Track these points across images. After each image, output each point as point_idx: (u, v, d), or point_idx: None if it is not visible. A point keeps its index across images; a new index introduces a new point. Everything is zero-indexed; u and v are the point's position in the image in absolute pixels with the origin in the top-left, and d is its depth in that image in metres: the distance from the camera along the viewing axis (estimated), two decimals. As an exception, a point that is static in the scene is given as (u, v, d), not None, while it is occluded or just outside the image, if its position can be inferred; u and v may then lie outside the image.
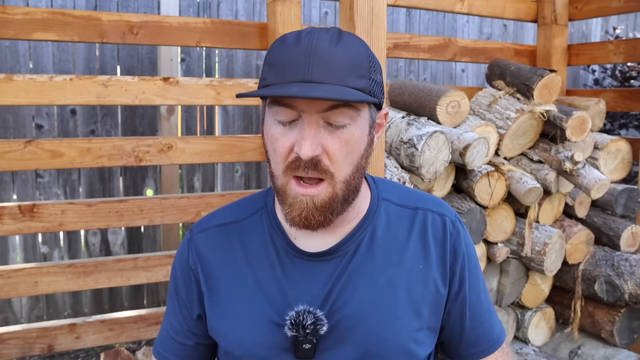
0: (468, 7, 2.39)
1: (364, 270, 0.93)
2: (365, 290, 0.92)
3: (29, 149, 1.75)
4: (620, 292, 1.97)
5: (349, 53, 0.83)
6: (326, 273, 0.93)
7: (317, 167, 0.83)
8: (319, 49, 0.81)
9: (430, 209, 0.99)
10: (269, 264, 0.94)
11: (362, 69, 0.84)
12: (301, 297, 0.92)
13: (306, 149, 0.81)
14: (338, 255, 0.93)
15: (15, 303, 2.87)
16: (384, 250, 0.95)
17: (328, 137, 0.83)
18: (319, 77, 0.80)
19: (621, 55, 2.42)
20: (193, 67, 3.18)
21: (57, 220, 1.81)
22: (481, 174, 1.88)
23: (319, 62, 0.81)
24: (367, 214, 0.96)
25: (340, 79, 0.81)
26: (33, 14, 1.74)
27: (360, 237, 0.95)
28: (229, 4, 3.22)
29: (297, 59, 0.81)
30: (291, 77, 0.81)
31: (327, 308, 0.91)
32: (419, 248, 0.96)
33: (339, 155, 0.84)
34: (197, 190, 3.23)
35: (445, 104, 1.96)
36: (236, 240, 0.98)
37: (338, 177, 0.85)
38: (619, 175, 2.20)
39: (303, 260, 0.93)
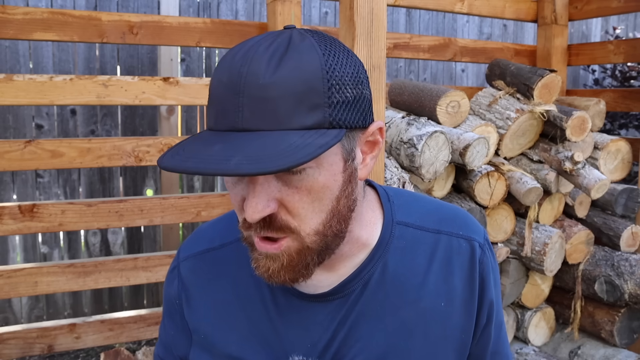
0: (468, 7, 2.39)
1: (373, 313, 0.78)
2: (373, 338, 0.78)
3: (29, 149, 1.75)
4: (620, 292, 1.97)
5: (293, 79, 0.62)
6: (328, 316, 0.78)
7: (272, 225, 0.67)
8: (251, 81, 0.62)
9: (456, 233, 0.82)
10: (262, 302, 0.80)
11: (313, 96, 0.63)
12: (299, 343, 0.78)
13: (251, 211, 0.64)
14: (342, 295, 0.78)
15: (15, 303, 2.87)
16: (397, 288, 0.79)
17: (282, 188, 0.65)
18: (252, 122, 0.61)
19: (621, 55, 2.42)
20: (193, 67, 3.18)
21: (57, 220, 1.81)
22: (481, 174, 1.88)
23: (250, 100, 0.61)
24: (377, 246, 0.79)
25: (280, 121, 0.61)
26: (33, 14, 1.74)
27: (369, 274, 0.79)
28: (229, 4, 3.22)
29: (226, 96, 0.63)
30: (222, 122, 0.64)
31: (328, 358, 0.78)
32: (440, 282, 0.80)
33: (300, 207, 0.66)
34: (197, 190, 3.23)
35: (445, 104, 1.96)
36: (224, 270, 0.84)
37: (305, 231, 0.68)
38: (619, 175, 2.20)
39: (301, 301, 0.79)
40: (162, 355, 0.95)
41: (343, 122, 0.66)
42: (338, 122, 0.65)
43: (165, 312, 0.91)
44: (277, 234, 0.67)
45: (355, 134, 0.70)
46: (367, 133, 0.72)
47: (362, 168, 0.73)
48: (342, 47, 0.69)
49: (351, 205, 0.72)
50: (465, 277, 0.81)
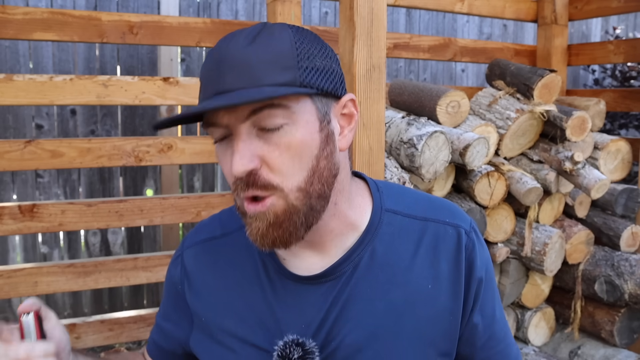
0: (468, 7, 2.39)
1: (363, 295, 0.82)
2: (363, 318, 0.82)
3: (29, 149, 1.75)
4: (620, 292, 1.97)
5: (265, 48, 0.72)
6: (320, 297, 0.83)
7: (255, 182, 0.73)
8: (230, 53, 0.72)
9: (442, 220, 0.87)
10: (259, 285, 0.85)
11: (285, 60, 0.72)
12: (294, 323, 0.82)
13: (236, 164, 0.71)
14: (334, 277, 0.83)
15: (15, 303, 2.87)
16: (386, 271, 0.83)
17: (263, 146, 0.73)
18: (231, 84, 0.71)
19: (621, 55, 2.42)
20: (193, 67, 3.18)
21: (57, 220, 1.81)
22: (481, 174, 1.88)
23: (229, 67, 0.72)
24: (366, 230, 0.84)
25: (255, 79, 0.71)
26: (33, 14, 1.74)
27: (358, 257, 0.83)
28: (229, 4, 3.22)
29: (211, 70, 0.74)
30: (209, 91, 0.74)
31: (321, 337, 0.81)
32: (427, 265, 0.84)
33: (282, 163, 0.72)
34: (197, 190, 3.23)
35: (445, 104, 1.96)
36: (225, 256, 0.90)
37: (288, 187, 0.73)
38: (619, 175, 2.20)
39: (295, 283, 0.83)
40: (157, 339, 0.99)
41: (313, 84, 0.74)
42: (308, 83, 0.74)
43: (167, 299, 0.97)
44: (261, 192, 0.73)
45: (329, 101, 0.78)
46: (340, 104, 0.80)
47: (341, 139, 0.80)
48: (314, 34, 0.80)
49: (332, 168, 0.78)
50: (452, 261, 0.84)
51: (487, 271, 0.88)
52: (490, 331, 0.89)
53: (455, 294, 0.84)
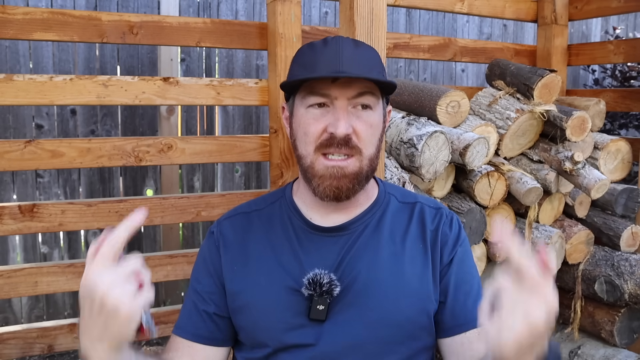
0: (468, 7, 2.39)
1: (371, 245, 1.07)
2: (372, 261, 1.05)
3: (29, 149, 1.75)
4: (620, 292, 1.97)
5: (368, 54, 1.05)
6: (338, 246, 1.06)
7: (348, 144, 0.99)
8: (345, 49, 1.00)
9: (427, 204, 1.15)
10: (287, 239, 1.08)
11: (379, 66, 1.05)
12: (316, 265, 1.03)
13: (342, 127, 0.98)
14: (348, 232, 1.08)
15: (15, 303, 2.87)
16: (388, 232, 1.09)
17: (356, 120, 1.01)
18: (348, 69, 0.98)
19: (621, 55, 2.42)
20: (193, 67, 3.18)
21: (57, 220, 1.81)
22: (481, 174, 1.88)
23: (347, 58, 0.99)
24: (376, 201, 1.12)
25: (365, 71, 1.00)
26: (33, 14, 1.74)
27: (368, 219, 1.09)
28: (229, 4, 3.22)
29: (327, 57, 0.99)
30: (325, 70, 0.98)
31: (338, 274, 1.02)
32: (417, 232, 1.10)
33: (366, 135, 1.01)
34: (197, 190, 3.23)
35: (445, 104, 1.96)
36: (257, 222, 1.13)
37: (365, 154, 1.01)
38: (619, 175, 2.20)
39: (317, 235, 1.08)
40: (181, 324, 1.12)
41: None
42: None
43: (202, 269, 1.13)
44: (349, 151, 1.00)
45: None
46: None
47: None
48: None
49: (380, 150, 1.07)
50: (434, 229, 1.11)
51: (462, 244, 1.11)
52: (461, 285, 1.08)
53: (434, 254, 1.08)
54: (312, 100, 1.01)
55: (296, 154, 1.06)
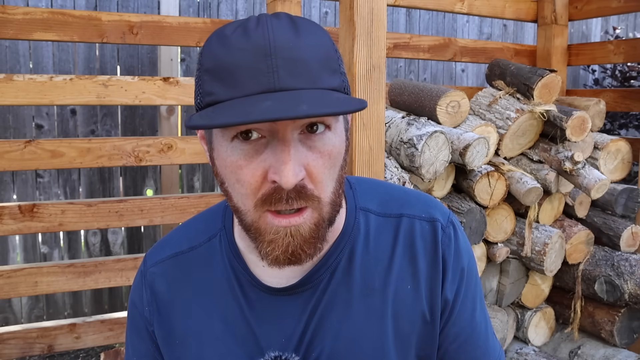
0: (468, 7, 2.39)
1: (341, 301, 0.77)
2: (343, 324, 0.77)
3: (29, 149, 1.75)
4: (620, 292, 1.97)
5: (315, 45, 0.65)
6: (298, 308, 0.77)
7: (300, 194, 0.65)
8: (280, 44, 0.63)
9: (418, 215, 0.81)
10: (234, 300, 0.79)
11: (332, 63, 0.67)
12: (273, 338, 0.77)
13: (289, 176, 0.62)
14: (310, 286, 0.77)
15: (15, 303, 2.87)
16: (364, 274, 0.78)
17: (308, 154, 0.65)
18: (288, 82, 0.62)
19: (621, 55, 2.42)
20: (193, 67, 3.18)
21: (57, 220, 1.81)
22: (481, 174, 1.88)
23: (284, 62, 0.62)
24: (342, 232, 0.78)
25: (313, 79, 0.63)
26: (33, 14, 1.74)
27: (335, 262, 0.78)
28: (229, 4, 3.22)
29: (253, 61, 0.62)
30: (252, 87, 0.62)
31: (302, 350, 0.77)
32: (405, 264, 0.79)
33: (322, 173, 0.66)
34: (197, 190, 3.23)
35: (445, 104, 1.96)
36: (194, 272, 0.82)
37: (324, 200, 0.67)
38: (619, 175, 2.20)
39: (270, 296, 0.78)
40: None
41: (348, 91, 0.69)
42: (347, 89, 0.69)
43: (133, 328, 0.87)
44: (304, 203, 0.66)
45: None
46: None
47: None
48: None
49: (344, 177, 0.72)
50: (429, 258, 0.80)
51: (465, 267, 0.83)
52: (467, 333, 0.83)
53: (434, 292, 0.79)
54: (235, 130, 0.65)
55: (229, 204, 0.72)
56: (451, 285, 0.80)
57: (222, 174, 0.70)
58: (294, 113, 0.57)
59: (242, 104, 0.61)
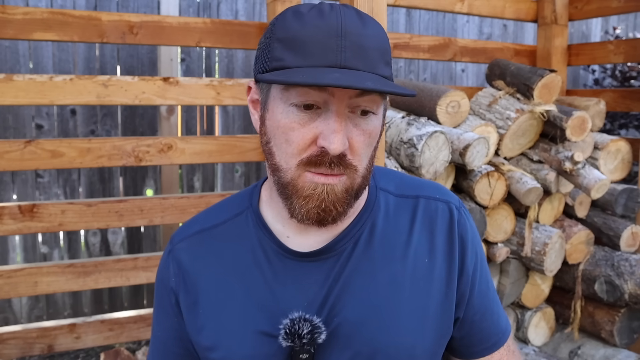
0: (468, 7, 2.39)
1: (364, 269, 0.83)
2: (365, 291, 0.82)
3: (29, 149, 1.75)
4: (620, 292, 1.97)
5: (377, 37, 0.74)
6: (322, 274, 0.83)
7: (341, 162, 0.74)
8: (350, 29, 0.71)
9: (433, 196, 0.90)
10: (258, 268, 0.85)
11: (387, 55, 0.76)
12: (295, 302, 0.82)
13: (338, 144, 0.71)
14: (334, 254, 0.84)
15: (15, 303, 2.87)
16: (384, 246, 0.85)
17: (353, 130, 0.75)
18: (351, 62, 0.71)
19: (621, 55, 2.42)
20: (193, 67, 3.18)
21: (57, 220, 1.81)
22: (481, 174, 1.88)
23: (351, 45, 0.71)
24: (365, 207, 0.86)
25: (372, 65, 0.73)
26: (33, 14, 1.74)
27: (358, 233, 0.85)
28: (229, 4, 3.22)
29: (325, 39, 0.71)
30: (320, 60, 0.71)
31: (324, 313, 0.82)
32: (423, 240, 0.86)
33: (362, 148, 0.76)
34: (197, 190, 3.23)
35: (445, 104, 1.96)
36: (219, 246, 0.88)
37: (359, 171, 0.77)
38: (619, 175, 2.20)
39: (295, 262, 0.83)
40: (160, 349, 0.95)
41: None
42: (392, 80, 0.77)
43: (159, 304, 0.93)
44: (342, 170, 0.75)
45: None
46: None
47: None
48: None
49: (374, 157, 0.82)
50: (446, 235, 0.87)
51: (479, 247, 0.92)
52: (484, 303, 0.91)
53: (450, 267, 0.86)
54: (296, 97, 0.73)
55: (270, 162, 0.79)
56: (470, 261, 0.88)
57: (270, 133, 0.78)
58: (362, 85, 0.67)
59: (312, 71, 0.70)
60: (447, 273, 0.86)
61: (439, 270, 0.86)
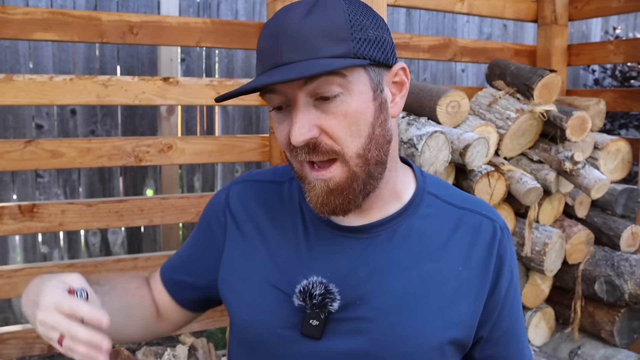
0: (468, 7, 2.39)
1: (398, 260, 0.85)
2: (396, 282, 0.83)
3: (29, 149, 1.75)
4: (620, 292, 1.97)
5: (321, 21, 0.75)
6: (352, 251, 0.86)
7: (317, 149, 0.77)
8: (287, 26, 0.75)
9: (479, 212, 0.90)
10: (293, 230, 0.89)
11: (339, 33, 0.75)
12: (319, 269, 0.85)
13: (295, 134, 0.76)
14: (368, 236, 0.86)
15: (15, 303, 2.87)
16: (422, 244, 0.86)
17: (321, 116, 0.77)
18: (289, 57, 0.75)
19: (621, 55, 2.42)
20: (193, 67, 3.18)
21: (57, 220, 1.81)
22: (481, 174, 1.88)
23: (286, 40, 0.75)
24: (409, 204, 0.89)
25: (312, 51, 0.74)
26: (33, 14, 1.74)
27: (397, 224, 0.87)
28: (229, 4, 3.22)
29: (269, 43, 0.77)
30: (266, 64, 0.77)
31: (343, 286, 0.83)
32: (460, 248, 0.87)
33: (340, 130, 0.77)
34: (197, 190, 3.23)
35: (445, 104, 1.96)
36: (268, 198, 0.95)
37: (348, 153, 0.78)
38: (619, 175, 2.20)
39: (330, 233, 0.87)
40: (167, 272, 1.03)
41: (366, 55, 0.77)
42: (362, 54, 0.77)
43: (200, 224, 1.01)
44: (323, 157, 0.78)
45: (381, 70, 0.81)
46: (392, 72, 0.83)
47: (392, 106, 0.84)
48: (365, 5, 0.83)
49: (386, 135, 0.82)
50: (484, 250, 0.87)
51: (515, 271, 0.92)
52: (512, 330, 0.91)
53: (483, 282, 0.86)
54: (268, 100, 0.81)
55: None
56: (505, 282, 0.88)
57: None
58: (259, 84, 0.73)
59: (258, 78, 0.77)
60: (478, 287, 0.86)
61: (470, 281, 0.86)
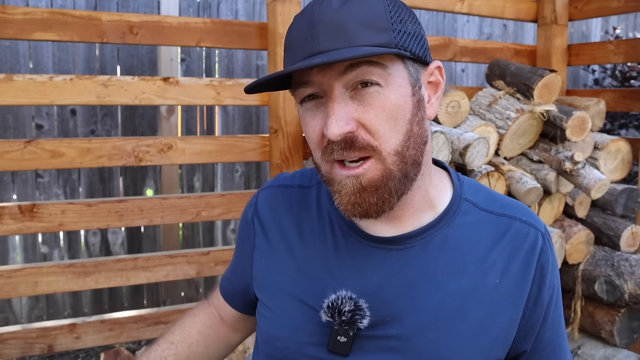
0: (468, 7, 2.39)
1: (433, 275, 0.79)
2: (430, 298, 0.78)
3: (29, 149, 1.75)
4: (620, 292, 1.97)
5: (360, 9, 0.71)
6: (384, 263, 0.80)
7: (353, 145, 0.71)
8: (323, 15, 0.71)
9: (519, 218, 0.84)
10: (322, 239, 0.84)
11: (380, 22, 0.71)
12: (348, 283, 0.80)
13: (332, 127, 0.69)
14: (401, 248, 0.80)
15: (15, 303, 2.87)
16: (458, 255, 0.80)
17: (359, 108, 0.71)
18: (326, 45, 0.70)
19: (621, 55, 2.42)
20: (193, 67, 3.18)
21: (57, 220, 1.81)
22: (481, 174, 1.88)
23: (323, 29, 0.70)
24: (445, 212, 0.83)
25: (351, 40, 0.69)
26: (33, 14, 1.74)
27: (432, 235, 0.81)
28: (229, 4, 3.22)
29: (303, 33, 0.72)
30: (300, 54, 0.72)
31: (374, 301, 0.78)
32: (500, 260, 0.81)
33: (378, 124, 0.71)
34: (197, 190, 3.23)
35: (445, 104, 1.96)
36: (296, 205, 0.90)
37: (386, 150, 0.72)
38: (619, 175, 2.20)
39: (361, 244, 0.81)
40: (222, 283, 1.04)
41: (407, 47, 0.73)
42: (403, 46, 0.73)
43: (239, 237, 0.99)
44: (359, 153, 0.72)
45: (419, 67, 0.77)
46: (429, 70, 0.80)
47: (429, 107, 0.80)
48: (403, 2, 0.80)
49: (423, 135, 0.77)
50: (522, 260, 0.82)
51: (557, 279, 0.87)
52: (555, 341, 0.87)
53: (521, 293, 0.81)
54: (300, 92, 0.75)
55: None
56: (547, 292, 0.83)
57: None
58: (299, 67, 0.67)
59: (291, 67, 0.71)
60: (516, 298, 0.81)
61: (507, 294, 0.81)
